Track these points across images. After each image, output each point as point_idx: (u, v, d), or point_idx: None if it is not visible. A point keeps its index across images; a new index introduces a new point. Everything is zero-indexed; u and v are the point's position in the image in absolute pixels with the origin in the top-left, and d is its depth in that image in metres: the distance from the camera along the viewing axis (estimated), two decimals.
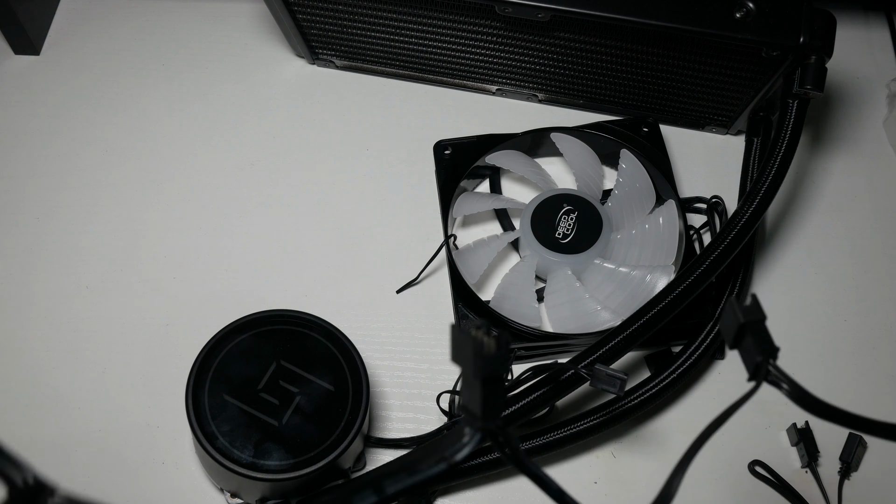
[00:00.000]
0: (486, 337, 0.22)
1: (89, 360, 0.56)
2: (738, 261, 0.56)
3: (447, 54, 0.63)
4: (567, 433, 0.51)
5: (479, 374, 0.22)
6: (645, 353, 0.56)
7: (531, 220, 0.57)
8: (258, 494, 0.46)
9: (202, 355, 0.47)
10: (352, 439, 0.45)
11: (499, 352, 0.22)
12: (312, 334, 0.48)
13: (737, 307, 0.27)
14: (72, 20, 0.71)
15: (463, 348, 0.23)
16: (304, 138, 0.65)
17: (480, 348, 0.22)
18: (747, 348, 0.27)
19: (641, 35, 0.56)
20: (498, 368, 0.22)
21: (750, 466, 0.53)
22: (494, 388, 0.22)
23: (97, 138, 0.65)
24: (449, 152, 0.60)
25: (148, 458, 0.53)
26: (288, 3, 0.60)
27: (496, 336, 0.22)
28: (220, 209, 0.62)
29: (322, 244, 0.61)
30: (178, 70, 0.69)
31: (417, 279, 0.59)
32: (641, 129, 0.61)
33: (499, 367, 0.22)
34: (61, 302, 0.58)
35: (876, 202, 0.63)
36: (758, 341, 0.27)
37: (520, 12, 0.55)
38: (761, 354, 0.27)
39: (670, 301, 0.49)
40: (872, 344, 0.57)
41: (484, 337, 0.22)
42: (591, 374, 0.45)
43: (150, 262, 0.60)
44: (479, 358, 0.22)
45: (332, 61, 0.68)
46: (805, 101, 0.53)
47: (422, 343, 0.57)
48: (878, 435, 0.29)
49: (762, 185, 0.52)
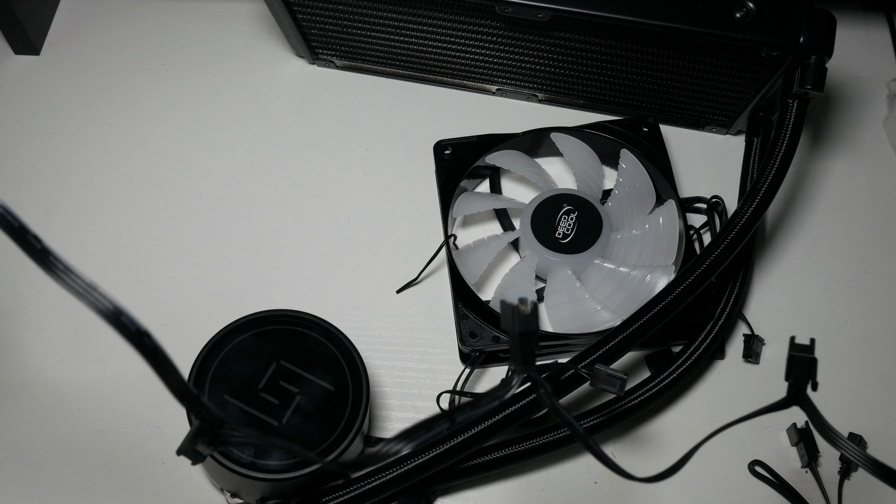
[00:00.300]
0: (521, 305, 0.32)
1: (89, 360, 0.56)
2: (738, 261, 0.56)
3: (447, 54, 0.63)
4: (567, 433, 0.51)
5: (518, 328, 0.32)
6: (645, 353, 0.56)
7: (531, 220, 0.57)
8: (258, 494, 0.46)
9: (202, 355, 0.47)
10: (352, 439, 0.45)
11: (531, 314, 0.32)
12: (312, 334, 0.48)
13: (791, 344, 0.35)
14: (72, 20, 0.71)
15: (507, 316, 0.32)
16: (304, 138, 0.65)
17: (517, 310, 0.32)
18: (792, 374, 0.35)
19: (641, 35, 0.56)
20: (529, 325, 0.32)
21: (750, 466, 0.53)
22: (530, 340, 0.32)
23: (97, 138, 0.65)
24: (449, 152, 0.60)
25: (148, 458, 0.53)
26: (288, 3, 0.60)
27: (528, 303, 0.32)
28: (219, 209, 0.62)
29: (322, 244, 0.61)
30: (178, 70, 0.69)
31: (417, 279, 0.59)
32: (641, 129, 0.61)
33: (529, 323, 0.32)
34: (61, 302, 0.58)
35: (876, 202, 0.63)
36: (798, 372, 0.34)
37: (520, 12, 0.55)
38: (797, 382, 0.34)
39: (670, 301, 0.49)
40: (872, 344, 0.57)
41: (519, 305, 0.32)
42: (591, 374, 0.45)
43: (150, 262, 0.60)
44: (518, 317, 0.32)
45: (332, 61, 0.68)
46: (805, 101, 0.53)
47: (422, 343, 0.57)
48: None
49: (762, 185, 0.52)
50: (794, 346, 0.35)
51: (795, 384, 0.34)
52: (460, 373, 0.54)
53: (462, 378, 0.54)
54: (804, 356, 0.34)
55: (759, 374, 0.56)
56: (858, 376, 0.56)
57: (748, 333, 0.57)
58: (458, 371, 0.55)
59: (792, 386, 0.34)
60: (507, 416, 0.48)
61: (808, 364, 0.34)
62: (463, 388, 0.53)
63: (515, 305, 0.32)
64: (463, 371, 0.54)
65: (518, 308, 0.32)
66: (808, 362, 0.34)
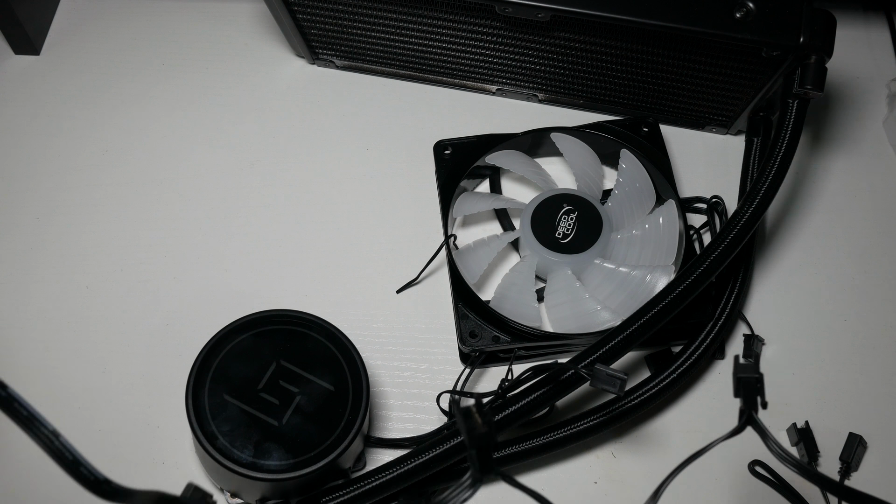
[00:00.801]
0: (478, 417, 0.32)
1: (89, 360, 0.56)
2: (738, 261, 0.56)
3: (447, 54, 0.63)
4: (567, 433, 0.51)
5: (473, 445, 0.32)
6: (645, 353, 0.56)
7: (531, 220, 0.57)
8: (258, 494, 0.46)
9: (202, 355, 0.47)
10: (352, 439, 0.45)
11: (485, 429, 0.32)
12: (312, 334, 0.48)
13: (736, 363, 0.35)
14: (72, 20, 0.71)
15: (461, 426, 0.32)
16: (304, 138, 0.65)
17: (474, 427, 0.32)
18: (742, 396, 0.35)
19: (641, 35, 0.56)
20: (484, 440, 0.32)
21: (750, 466, 0.53)
22: (487, 452, 0.32)
23: (97, 138, 0.65)
24: (449, 152, 0.60)
25: (148, 458, 0.53)
26: (288, 3, 0.60)
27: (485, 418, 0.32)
28: (220, 209, 0.62)
29: (322, 244, 0.61)
30: (178, 70, 0.69)
31: (417, 279, 0.59)
32: (641, 129, 0.61)
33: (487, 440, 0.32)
34: (61, 302, 0.58)
35: (876, 202, 0.63)
36: (746, 393, 0.34)
37: (520, 12, 0.55)
38: (747, 406, 0.34)
39: (670, 301, 0.49)
40: (872, 344, 0.57)
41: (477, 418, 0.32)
42: (591, 374, 0.45)
43: (150, 262, 0.60)
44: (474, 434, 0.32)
45: (332, 61, 0.68)
46: (805, 100, 0.53)
47: (422, 343, 0.57)
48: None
49: (762, 185, 0.52)
50: (739, 367, 0.35)
51: (747, 408, 0.34)
52: (460, 373, 0.54)
53: (462, 378, 0.54)
54: (751, 376, 0.35)
55: None
56: (858, 376, 0.56)
57: (748, 333, 0.57)
58: (458, 371, 0.55)
59: (743, 412, 0.34)
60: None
61: (755, 384, 0.35)
62: (463, 388, 0.53)
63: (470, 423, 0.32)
64: (463, 371, 0.54)
65: (474, 423, 0.32)
66: (754, 382, 0.35)
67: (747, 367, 0.35)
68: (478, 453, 0.32)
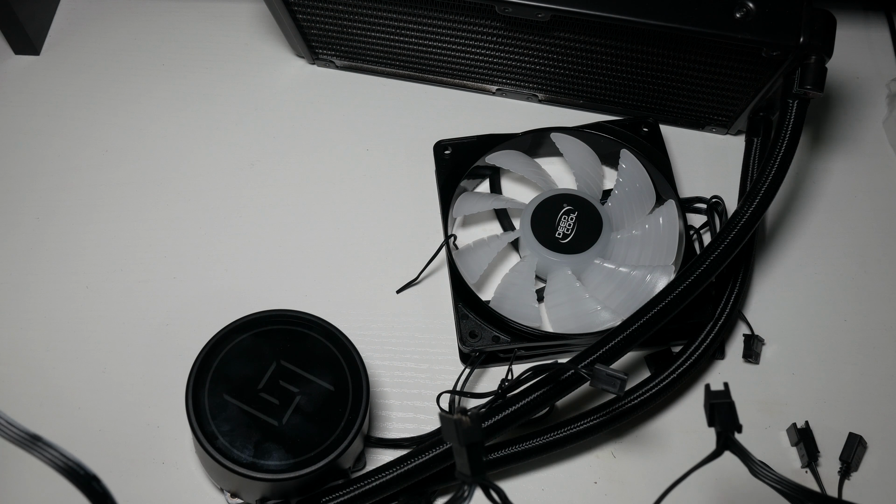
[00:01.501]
0: (462, 416, 0.32)
1: (89, 360, 0.56)
2: (738, 261, 0.56)
3: (447, 54, 0.63)
4: (567, 433, 0.51)
5: (463, 442, 0.31)
6: (645, 353, 0.56)
7: (531, 220, 0.57)
8: (258, 494, 0.46)
9: (202, 355, 0.47)
10: (352, 439, 0.45)
11: (472, 424, 0.32)
12: (312, 334, 0.48)
13: (707, 391, 0.36)
14: (72, 20, 0.71)
15: (448, 428, 0.32)
16: (304, 138, 0.65)
17: (459, 424, 0.31)
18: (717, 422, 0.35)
19: (641, 35, 0.56)
20: (473, 436, 0.31)
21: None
22: (476, 451, 0.32)
23: (97, 138, 0.65)
24: (449, 152, 0.60)
25: (148, 458, 0.53)
26: (288, 3, 0.60)
27: (468, 414, 0.32)
28: (220, 209, 0.62)
29: (322, 244, 0.61)
30: (178, 70, 0.69)
31: (417, 279, 0.59)
32: (641, 129, 0.61)
33: (473, 435, 0.31)
34: (61, 302, 0.58)
35: (876, 202, 0.63)
36: (722, 418, 0.35)
37: (520, 12, 0.55)
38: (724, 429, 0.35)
39: (670, 301, 0.49)
40: (872, 344, 0.57)
41: (460, 416, 0.32)
42: (591, 374, 0.45)
43: (150, 263, 0.60)
44: (460, 430, 0.31)
45: (332, 61, 0.68)
46: (805, 101, 0.53)
47: (422, 343, 0.57)
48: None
49: (762, 185, 0.52)
50: (710, 394, 0.36)
51: (724, 431, 0.35)
52: (460, 373, 0.54)
53: (462, 378, 0.54)
54: (724, 402, 0.35)
55: (759, 374, 0.56)
56: (858, 376, 0.56)
57: (748, 333, 0.57)
58: (458, 371, 0.55)
59: (721, 434, 0.35)
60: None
61: (729, 409, 0.35)
62: (463, 388, 0.53)
63: (457, 419, 0.31)
64: (463, 371, 0.54)
65: (460, 421, 0.31)
66: (728, 407, 0.35)
67: (719, 394, 0.36)
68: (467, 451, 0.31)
